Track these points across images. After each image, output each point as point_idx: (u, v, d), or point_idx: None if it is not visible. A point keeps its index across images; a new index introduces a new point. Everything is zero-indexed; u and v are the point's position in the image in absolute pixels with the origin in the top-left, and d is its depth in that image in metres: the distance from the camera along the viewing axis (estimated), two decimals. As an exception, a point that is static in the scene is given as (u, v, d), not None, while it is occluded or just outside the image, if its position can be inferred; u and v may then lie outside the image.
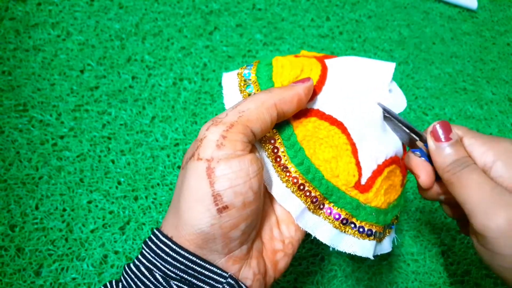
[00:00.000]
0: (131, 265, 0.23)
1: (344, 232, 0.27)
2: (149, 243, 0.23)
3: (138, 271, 0.22)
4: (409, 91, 0.49)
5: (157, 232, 0.23)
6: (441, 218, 0.42)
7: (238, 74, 0.29)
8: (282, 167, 0.26)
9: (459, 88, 0.50)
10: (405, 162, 0.30)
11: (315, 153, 0.27)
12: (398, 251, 0.40)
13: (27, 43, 0.41)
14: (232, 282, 0.22)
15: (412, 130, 0.29)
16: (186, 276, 0.22)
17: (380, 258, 0.39)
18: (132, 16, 0.45)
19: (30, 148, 0.37)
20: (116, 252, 0.35)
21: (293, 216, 0.26)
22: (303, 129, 0.27)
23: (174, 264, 0.22)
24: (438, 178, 0.28)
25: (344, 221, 0.27)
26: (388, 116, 0.29)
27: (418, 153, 0.29)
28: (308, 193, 0.26)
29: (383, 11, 0.53)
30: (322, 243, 0.39)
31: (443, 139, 0.27)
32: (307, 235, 0.28)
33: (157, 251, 0.22)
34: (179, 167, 0.39)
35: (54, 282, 0.33)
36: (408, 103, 0.48)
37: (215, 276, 0.22)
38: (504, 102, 0.50)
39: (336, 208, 0.27)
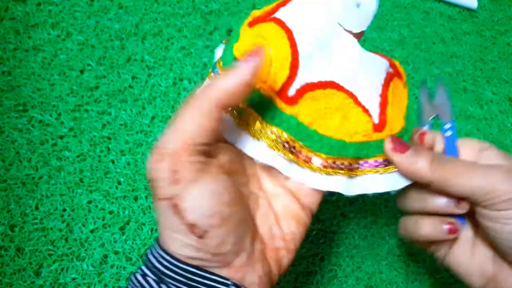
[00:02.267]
0: (138, 276, 0.22)
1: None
2: (155, 257, 0.22)
3: (146, 282, 0.22)
4: (409, 91, 0.48)
5: (157, 247, 0.23)
6: (441, 218, 0.42)
7: (209, 77, 0.28)
8: (305, 160, 0.26)
9: (459, 88, 0.50)
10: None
11: (326, 125, 0.26)
12: (398, 251, 0.40)
13: (26, 43, 0.41)
14: None
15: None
16: (193, 284, 0.22)
17: (380, 258, 0.39)
18: (132, 16, 0.45)
19: (29, 148, 0.37)
20: (116, 252, 0.35)
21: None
22: (305, 110, 0.25)
23: (179, 279, 0.21)
24: None
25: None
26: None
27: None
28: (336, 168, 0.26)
29: (383, 11, 0.53)
30: (322, 242, 0.39)
31: (403, 149, 0.26)
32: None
33: (162, 268, 0.22)
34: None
35: (54, 282, 0.33)
36: (408, 103, 0.48)
37: (218, 285, 0.22)
38: (504, 102, 0.50)
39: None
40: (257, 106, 0.25)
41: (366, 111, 0.27)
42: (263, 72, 0.24)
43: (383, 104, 0.27)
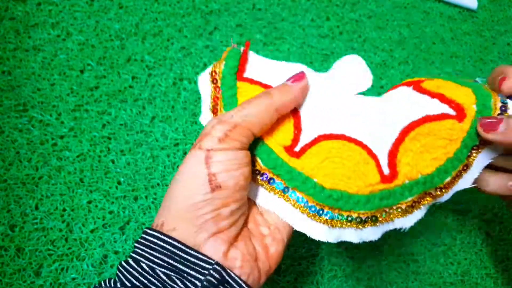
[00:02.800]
0: (122, 261, 0.24)
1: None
2: (140, 239, 0.24)
3: (127, 264, 0.24)
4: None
5: (146, 229, 0.24)
6: (441, 218, 0.42)
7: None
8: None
9: (459, 88, 0.50)
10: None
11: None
12: (398, 251, 0.40)
13: (27, 43, 0.41)
14: (219, 268, 0.23)
15: None
16: (172, 262, 0.23)
17: (380, 259, 0.39)
18: (132, 16, 0.45)
19: (30, 148, 0.37)
20: (116, 252, 0.35)
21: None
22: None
23: (160, 251, 0.23)
24: None
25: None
26: None
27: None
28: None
29: (383, 11, 0.53)
30: (322, 243, 0.39)
31: (495, 126, 0.26)
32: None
33: (145, 242, 0.24)
34: (179, 167, 0.39)
35: (54, 282, 0.33)
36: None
37: (200, 263, 0.23)
38: (504, 102, 0.50)
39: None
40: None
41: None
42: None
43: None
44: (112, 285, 0.23)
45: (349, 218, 0.26)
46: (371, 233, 0.27)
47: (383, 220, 0.27)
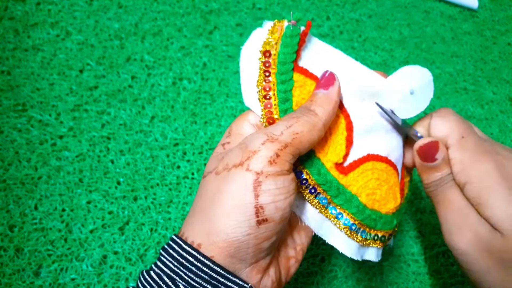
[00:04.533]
0: (151, 273, 0.22)
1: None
2: (171, 251, 0.23)
3: (160, 280, 0.22)
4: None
5: (178, 240, 0.23)
6: (442, 218, 0.42)
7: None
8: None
9: (459, 88, 0.50)
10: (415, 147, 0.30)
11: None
12: (398, 252, 0.40)
13: (26, 42, 0.41)
14: None
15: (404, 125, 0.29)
16: (209, 286, 0.22)
17: (381, 259, 0.39)
18: (131, 16, 0.45)
19: (29, 148, 0.37)
20: (115, 253, 0.35)
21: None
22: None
23: (199, 274, 0.22)
24: None
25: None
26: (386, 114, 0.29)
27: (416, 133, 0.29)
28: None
29: (384, 10, 0.53)
30: (322, 243, 0.39)
31: (428, 160, 0.27)
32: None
33: (181, 260, 0.22)
34: (178, 167, 0.39)
35: (54, 283, 0.33)
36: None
37: (236, 287, 0.22)
38: (505, 102, 0.50)
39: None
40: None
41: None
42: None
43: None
44: None
45: (375, 237, 0.27)
46: (381, 252, 0.29)
47: (390, 238, 0.29)
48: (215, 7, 0.47)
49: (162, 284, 0.22)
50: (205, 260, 0.22)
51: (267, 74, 0.26)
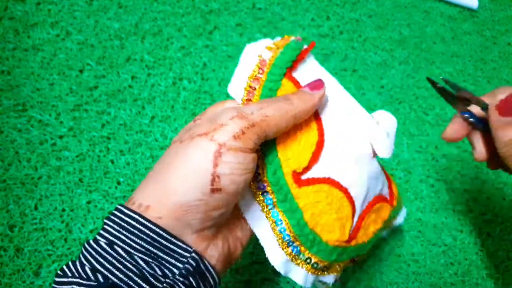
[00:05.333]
0: (91, 241, 0.22)
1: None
2: (112, 217, 0.22)
3: (97, 245, 0.22)
4: (410, 91, 0.48)
5: (121, 208, 0.23)
6: (442, 218, 0.42)
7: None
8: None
9: (459, 88, 0.50)
10: (453, 131, 0.30)
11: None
12: (398, 251, 0.40)
13: (26, 42, 0.41)
14: (196, 257, 0.22)
15: (451, 97, 0.29)
16: (151, 248, 0.22)
17: (381, 259, 0.39)
18: (131, 16, 0.45)
19: (29, 148, 0.37)
20: (115, 253, 0.35)
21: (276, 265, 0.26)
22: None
23: (140, 236, 0.22)
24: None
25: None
26: (442, 85, 0.29)
27: (468, 116, 0.29)
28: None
29: (384, 10, 0.53)
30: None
31: (507, 114, 0.27)
32: None
33: (122, 223, 0.22)
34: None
35: (53, 283, 0.33)
36: (409, 103, 0.48)
37: (180, 251, 0.22)
38: (505, 101, 0.50)
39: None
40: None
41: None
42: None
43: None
44: (80, 270, 0.21)
45: (308, 260, 0.27)
46: (310, 280, 0.28)
47: (329, 272, 0.28)
48: (215, 7, 0.47)
49: (99, 249, 0.21)
50: (147, 223, 0.22)
51: (260, 72, 0.28)
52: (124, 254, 0.21)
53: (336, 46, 0.49)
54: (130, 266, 0.21)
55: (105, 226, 0.22)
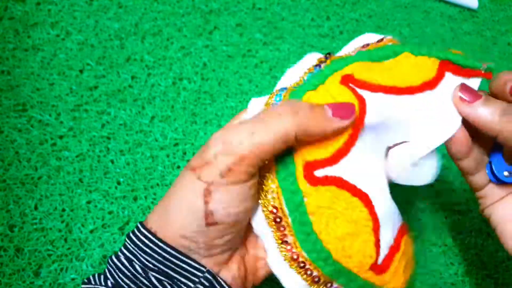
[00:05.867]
0: (113, 257, 0.23)
1: None
2: (131, 235, 0.23)
3: (118, 261, 0.23)
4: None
5: (139, 226, 0.23)
6: (442, 218, 0.42)
7: (266, 104, 0.25)
8: (282, 238, 0.23)
9: (459, 88, 0.50)
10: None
11: (327, 228, 0.23)
12: (398, 252, 0.40)
13: (26, 42, 0.41)
14: (210, 277, 0.22)
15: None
16: (164, 268, 0.22)
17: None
18: (131, 16, 0.45)
19: (29, 148, 0.37)
20: (115, 253, 0.35)
21: None
22: (317, 199, 0.23)
23: (153, 256, 0.22)
24: None
25: None
26: None
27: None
28: (309, 272, 0.23)
29: (384, 10, 0.53)
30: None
31: (472, 99, 0.24)
32: None
33: (138, 242, 0.23)
34: (178, 167, 0.39)
35: (54, 283, 0.33)
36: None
37: (192, 270, 0.22)
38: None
39: None
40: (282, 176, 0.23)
41: (377, 244, 0.24)
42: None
43: (393, 249, 0.24)
44: (103, 282, 0.23)
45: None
46: None
47: None
48: (215, 7, 0.47)
49: (120, 265, 0.22)
50: (159, 242, 0.22)
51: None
52: (141, 272, 0.22)
53: (336, 46, 0.49)
54: (146, 283, 0.22)
55: (125, 243, 0.23)
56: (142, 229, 0.23)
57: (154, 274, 0.22)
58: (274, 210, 0.23)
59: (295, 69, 0.28)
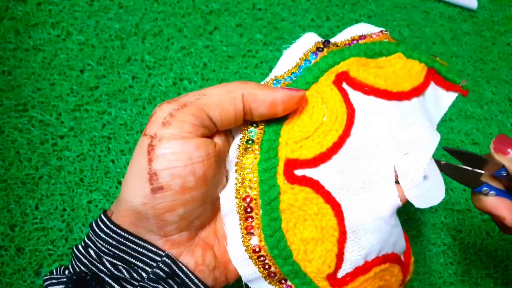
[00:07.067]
0: (74, 246, 0.23)
1: None
2: (92, 222, 0.23)
3: (76, 250, 0.22)
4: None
5: (101, 214, 0.23)
6: (441, 218, 0.42)
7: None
8: (248, 229, 0.23)
9: (459, 88, 0.50)
10: (477, 206, 0.26)
11: (294, 228, 0.23)
12: (398, 251, 0.40)
13: (27, 43, 0.41)
14: (168, 261, 0.21)
15: (474, 163, 0.26)
16: (118, 252, 0.21)
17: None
18: (132, 16, 0.45)
19: (30, 148, 0.37)
20: (116, 252, 0.35)
21: (244, 279, 0.23)
22: (291, 197, 0.23)
23: (107, 240, 0.21)
24: None
25: None
26: (444, 163, 0.26)
27: (486, 189, 0.25)
28: (267, 266, 0.23)
29: (383, 11, 0.53)
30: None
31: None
32: None
33: (95, 228, 0.22)
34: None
35: (54, 282, 0.33)
36: None
37: (149, 254, 0.21)
38: (504, 102, 0.50)
39: None
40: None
41: (339, 256, 0.24)
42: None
43: (359, 270, 0.24)
44: (62, 273, 0.22)
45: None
46: None
47: None
48: (216, 8, 0.47)
49: (77, 253, 0.22)
50: (112, 226, 0.21)
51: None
52: (95, 256, 0.22)
53: (336, 46, 0.49)
54: (102, 268, 0.21)
55: (88, 232, 0.23)
56: (102, 215, 0.22)
57: (108, 258, 0.21)
58: (248, 199, 0.23)
59: (292, 51, 0.28)
